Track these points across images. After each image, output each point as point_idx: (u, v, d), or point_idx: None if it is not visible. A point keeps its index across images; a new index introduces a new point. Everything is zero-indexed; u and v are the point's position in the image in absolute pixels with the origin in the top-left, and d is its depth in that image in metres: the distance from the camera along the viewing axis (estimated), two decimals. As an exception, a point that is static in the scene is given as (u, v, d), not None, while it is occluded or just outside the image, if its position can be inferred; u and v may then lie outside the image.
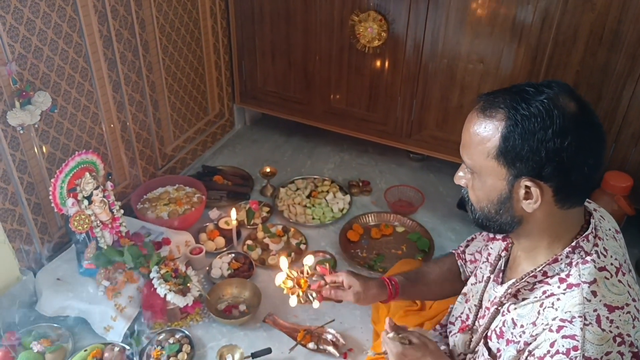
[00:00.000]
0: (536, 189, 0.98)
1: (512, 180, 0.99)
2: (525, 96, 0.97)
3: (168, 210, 2.30)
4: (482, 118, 1.01)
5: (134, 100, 2.28)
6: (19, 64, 1.75)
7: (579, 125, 0.95)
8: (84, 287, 1.90)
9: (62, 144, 1.99)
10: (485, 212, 1.07)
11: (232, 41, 2.81)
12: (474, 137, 1.03)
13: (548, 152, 0.94)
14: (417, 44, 2.39)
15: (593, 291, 0.98)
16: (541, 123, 0.94)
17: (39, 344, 1.78)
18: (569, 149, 0.94)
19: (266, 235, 2.32)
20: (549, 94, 0.96)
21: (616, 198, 2.18)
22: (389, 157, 2.87)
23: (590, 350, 0.94)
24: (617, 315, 0.96)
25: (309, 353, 1.85)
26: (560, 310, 0.99)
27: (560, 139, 0.93)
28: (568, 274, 1.02)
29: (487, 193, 1.05)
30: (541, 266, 1.05)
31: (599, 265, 1.01)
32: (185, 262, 2.07)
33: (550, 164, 0.95)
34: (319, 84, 2.71)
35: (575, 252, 1.02)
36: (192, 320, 1.96)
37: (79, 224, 1.84)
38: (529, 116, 0.95)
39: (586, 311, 0.96)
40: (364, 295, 1.40)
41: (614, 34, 2.05)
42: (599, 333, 0.94)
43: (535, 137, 0.94)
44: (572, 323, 0.96)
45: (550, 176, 0.96)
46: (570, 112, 0.95)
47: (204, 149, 2.87)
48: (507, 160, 0.98)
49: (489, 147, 1.00)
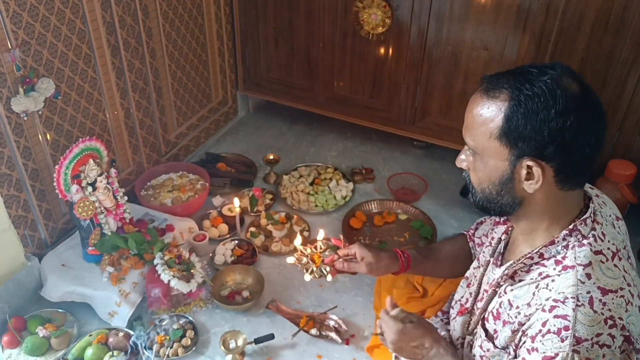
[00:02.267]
0: (538, 169, 0.99)
1: (514, 160, 1.00)
2: (528, 77, 0.98)
3: (172, 197, 2.31)
4: (485, 99, 1.02)
5: (137, 87, 2.28)
6: (22, 51, 1.75)
7: (581, 106, 0.95)
8: (88, 273, 1.91)
9: (65, 131, 2.00)
10: (487, 194, 1.08)
11: (235, 28, 2.80)
12: (477, 118, 1.03)
13: (551, 132, 0.95)
14: (421, 30, 2.38)
15: (587, 273, 0.99)
16: (544, 103, 0.95)
17: (44, 329, 1.80)
18: (571, 129, 0.95)
19: (269, 223, 2.33)
20: (552, 74, 0.97)
21: (619, 186, 2.18)
22: (392, 144, 2.87)
23: (581, 331, 0.95)
24: (610, 299, 0.97)
25: (312, 339, 1.86)
26: (554, 291, 1.00)
27: (563, 119, 0.94)
28: (564, 256, 1.03)
29: (489, 174, 1.05)
30: (538, 248, 1.07)
31: (595, 248, 1.02)
32: (188, 249, 2.08)
33: (552, 143, 0.96)
34: (323, 71, 2.70)
35: (573, 235, 1.04)
36: (195, 306, 1.98)
37: (83, 210, 1.85)
38: (532, 96, 0.96)
39: (579, 292, 0.97)
40: (376, 265, 1.45)
41: (620, 20, 2.03)
42: (590, 314, 0.96)
43: (539, 116, 0.95)
44: (564, 303, 0.98)
45: (553, 156, 0.97)
46: (573, 92, 0.96)
47: (207, 136, 2.87)
48: (509, 141, 0.99)
49: (492, 128, 1.00)
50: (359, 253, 1.46)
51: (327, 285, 2.07)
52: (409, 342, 1.26)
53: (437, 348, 1.24)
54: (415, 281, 1.82)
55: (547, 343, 0.98)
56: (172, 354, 1.78)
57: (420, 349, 1.25)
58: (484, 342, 1.18)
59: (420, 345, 1.25)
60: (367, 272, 1.46)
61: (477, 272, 1.32)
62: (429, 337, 1.25)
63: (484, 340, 1.18)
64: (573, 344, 0.95)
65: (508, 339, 1.10)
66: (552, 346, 0.97)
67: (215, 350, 1.83)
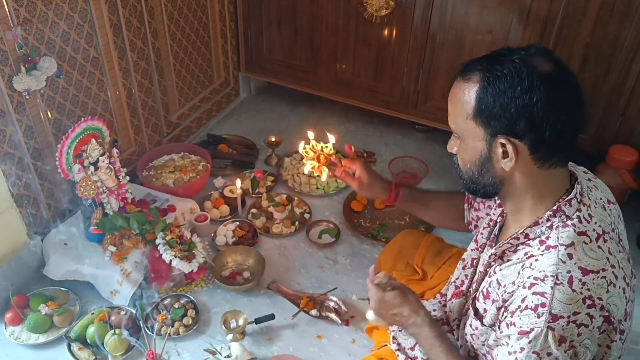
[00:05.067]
0: (511, 147, 1.02)
1: (490, 139, 1.04)
2: (500, 58, 1.02)
3: (173, 177, 2.31)
4: (461, 82, 1.06)
5: (140, 67, 2.27)
6: (24, 29, 1.74)
7: (549, 83, 0.98)
8: (90, 252, 1.93)
9: (67, 110, 2.00)
10: (470, 175, 1.13)
11: (238, 8, 2.77)
12: (455, 102, 1.08)
13: (518, 108, 0.98)
14: (425, 13, 2.36)
15: (569, 253, 1.01)
16: (510, 81, 0.98)
17: (47, 307, 1.82)
18: (537, 105, 0.97)
19: (270, 204, 2.34)
20: (521, 54, 1.00)
21: (621, 172, 2.18)
22: (394, 128, 2.87)
23: (558, 308, 0.97)
24: (591, 279, 0.99)
25: (312, 320, 1.88)
26: (536, 270, 1.03)
27: (528, 96, 0.97)
28: (548, 236, 1.05)
29: (470, 155, 1.09)
30: (523, 229, 1.09)
31: (579, 229, 1.03)
32: (190, 229, 2.09)
33: (521, 120, 0.99)
34: (325, 53, 2.69)
35: (557, 215, 1.05)
36: (196, 286, 1.99)
37: (85, 189, 1.85)
38: (500, 76, 0.99)
39: (559, 271, 0.99)
40: (366, 187, 1.56)
41: (626, 5, 2.02)
42: (568, 293, 0.98)
43: (505, 94, 0.99)
44: (543, 281, 1.00)
45: (524, 132, 1.00)
46: (542, 70, 0.99)
47: (209, 118, 2.87)
48: (482, 120, 1.03)
49: (467, 109, 1.05)
50: (358, 172, 1.55)
51: (327, 267, 2.08)
52: (388, 309, 1.31)
53: (415, 317, 1.28)
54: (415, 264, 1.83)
55: (524, 318, 1.00)
56: (173, 332, 1.80)
57: (399, 317, 1.30)
58: (473, 320, 1.20)
59: (399, 313, 1.30)
60: (356, 188, 1.56)
61: (474, 254, 1.34)
62: (407, 306, 1.29)
63: (473, 318, 1.21)
64: (548, 321, 0.97)
65: (494, 316, 1.12)
66: (528, 321, 1.00)
67: (216, 330, 1.85)
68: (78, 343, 1.75)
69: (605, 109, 2.24)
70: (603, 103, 2.24)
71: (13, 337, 1.79)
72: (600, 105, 2.25)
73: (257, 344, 1.81)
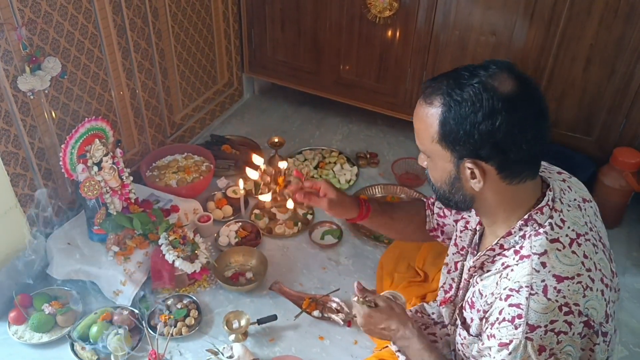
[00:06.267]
0: (477, 170, 1.02)
1: (457, 162, 1.04)
2: (460, 81, 1.00)
3: (177, 178, 2.32)
4: (424, 105, 1.06)
5: (143, 68, 2.28)
6: (28, 29, 1.75)
7: (511, 105, 0.97)
8: (94, 252, 1.93)
9: (72, 110, 2.00)
10: (442, 192, 1.13)
11: (241, 9, 2.78)
12: (420, 124, 1.08)
13: (481, 134, 0.98)
14: (428, 14, 2.36)
15: (543, 262, 1.01)
16: (471, 107, 0.97)
17: (50, 307, 1.83)
18: (500, 129, 0.96)
19: (273, 205, 2.34)
20: (481, 76, 0.99)
21: (624, 174, 2.17)
22: (397, 129, 2.86)
23: (534, 318, 0.98)
24: (566, 286, 0.99)
25: (314, 321, 1.88)
26: (511, 281, 1.03)
27: (491, 121, 0.96)
28: (521, 246, 1.06)
29: (440, 174, 1.10)
30: (497, 239, 1.09)
31: (552, 237, 1.03)
32: (193, 230, 2.10)
33: (485, 145, 0.98)
34: (329, 54, 2.69)
35: (529, 224, 1.05)
36: (199, 287, 2.00)
37: (88, 189, 1.86)
38: (460, 101, 0.99)
39: (534, 281, 1.00)
40: (336, 204, 1.46)
41: (631, 6, 2.01)
42: (544, 302, 0.98)
43: (467, 120, 0.98)
44: (518, 292, 1.00)
45: (489, 156, 1.00)
46: (503, 92, 0.97)
47: (213, 118, 2.87)
48: (447, 144, 1.03)
49: (432, 133, 1.05)
50: (323, 188, 1.47)
51: (330, 268, 2.08)
52: (376, 325, 1.33)
53: (403, 330, 1.30)
54: (416, 266, 1.83)
55: (503, 330, 1.01)
56: (175, 333, 1.81)
57: (387, 331, 1.32)
58: (461, 329, 1.21)
59: (387, 327, 1.31)
60: (326, 208, 1.46)
61: (456, 257, 1.34)
62: (395, 320, 1.31)
63: (461, 328, 1.21)
64: (526, 332, 0.98)
65: (478, 326, 1.13)
66: (506, 333, 1.00)
67: (218, 330, 1.85)
68: (81, 342, 1.75)
69: (609, 111, 2.24)
70: (607, 105, 2.23)
71: (16, 336, 1.79)
72: (604, 107, 2.24)
73: (259, 345, 1.82)
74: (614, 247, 2.26)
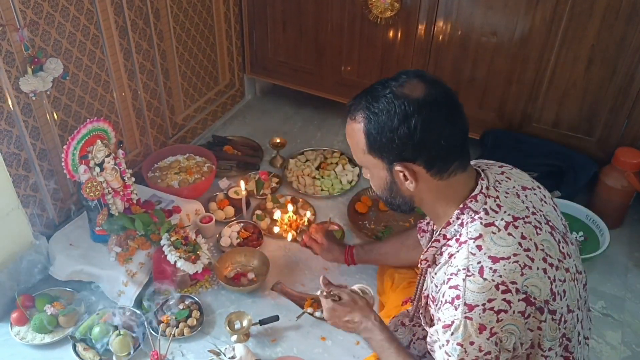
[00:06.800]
0: (407, 171, 1.09)
1: (389, 167, 1.12)
2: (375, 94, 1.10)
3: (178, 179, 2.32)
4: (350, 122, 1.15)
5: (145, 69, 2.28)
6: (30, 30, 1.75)
7: (422, 107, 1.05)
8: (96, 253, 1.93)
9: (74, 111, 2.01)
10: (384, 198, 1.21)
11: (243, 10, 2.78)
12: (351, 140, 1.17)
13: (400, 138, 1.06)
14: (430, 15, 2.36)
15: (478, 245, 1.06)
16: (387, 115, 1.06)
17: (52, 307, 1.83)
18: (416, 130, 1.04)
19: (275, 206, 2.34)
20: (392, 87, 1.08)
21: (626, 174, 2.17)
22: (399, 129, 2.86)
23: (471, 298, 1.02)
24: (502, 265, 1.03)
25: (316, 321, 1.88)
26: (452, 266, 1.08)
27: (406, 124, 1.05)
28: (460, 233, 1.11)
29: (378, 182, 1.18)
30: (438, 230, 1.16)
31: (486, 221, 1.09)
32: (195, 231, 2.10)
33: (407, 147, 1.07)
34: (330, 55, 2.69)
35: (464, 212, 1.11)
36: (201, 287, 2.00)
37: (90, 190, 1.86)
38: (377, 112, 1.08)
39: (470, 264, 1.05)
40: (327, 250, 1.90)
41: (632, 6, 2.01)
42: (479, 282, 1.02)
43: (386, 127, 1.06)
44: (457, 275, 1.05)
45: (414, 156, 1.08)
46: (413, 97, 1.05)
47: (214, 119, 2.87)
48: (376, 153, 1.11)
49: (361, 145, 1.13)
50: (320, 239, 1.90)
51: (331, 268, 2.08)
52: (340, 317, 1.42)
53: (365, 322, 1.38)
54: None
55: (445, 312, 1.06)
56: (177, 333, 1.81)
57: (351, 324, 1.40)
58: (427, 327, 1.24)
59: (350, 320, 1.40)
60: (319, 251, 1.91)
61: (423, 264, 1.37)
62: (358, 313, 1.40)
63: (425, 324, 1.26)
64: (465, 312, 1.02)
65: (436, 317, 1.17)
66: (448, 314, 1.05)
67: (220, 331, 1.85)
68: (83, 343, 1.76)
69: (611, 111, 2.24)
70: (609, 105, 2.23)
71: (19, 337, 1.79)
72: (606, 107, 2.24)
73: (261, 345, 1.82)
74: (615, 248, 2.27)
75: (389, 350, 1.32)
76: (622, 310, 1.98)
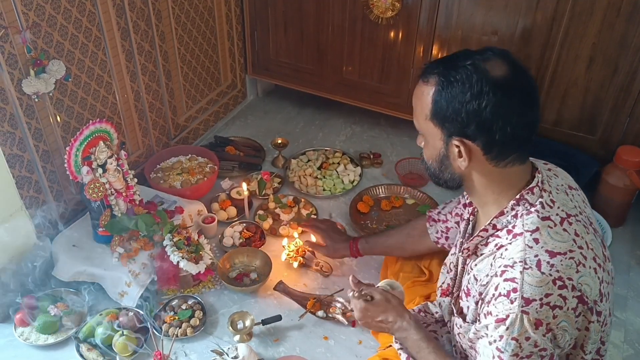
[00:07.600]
0: (464, 148, 1.07)
1: (446, 139, 1.09)
2: (456, 62, 1.06)
3: (181, 179, 2.32)
4: (421, 84, 1.12)
5: (147, 70, 2.29)
6: (33, 32, 1.76)
7: (498, 88, 1.01)
8: (98, 254, 1.94)
9: (76, 113, 2.01)
10: (432, 170, 1.19)
11: (244, 11, 2.79)
12: (416, 102, 1.14)
13: (468, 113, 1.03)
14: (430, 14, 2.36)
15: (535, 238, 1.04)
16: (461, 87, 1.02)
17: (55, 308, 1.83)
18: (486, 110, 1.01)
19: (277, 206, 2.34)
20: (475, 59, 1.04)
21: (628, 172, 2.17)
22: (400, 129, 2.87)
23: (529, 292, 1.00)
24: (559, 260, 1.01)
25: (318, 321, 1.88)
26: (506, 259, 1.06)
27: (477, 101, 1.01)
28: (514, 225, 1.09)
29: (431, 152, 1.16)
30: (490, 220, 1.13)
31: (543, 215, 1.06)
32: (197, 231, 2.10)
33: (471, 123, 1.03)
34: (332, 55, 2.69)
35: (520, 204, 1.09)
36: (204, 288, 2.00)
37: (93, 191, 1.87)
38: (452, 81, 1.04)
39: (527, 256, 1.02)
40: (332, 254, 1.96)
41: (633, 5, 2.01)
42: (537, 276, 1.00)
43: (457, 99, 1.03)
44: (513, 267, 1.03)
45: (475, 135, 1.04)
46: (493, 75, 1.02)
47: (217, 120, 2.88)
48: (438, 121, 1.08)
49: (425, 110, 1.10)
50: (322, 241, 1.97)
51: (334, 268, 2.09)
52: (373, 318, 1.36)
53: (400, 322, 1.33)
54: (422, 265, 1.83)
55: (499, 305, 1.03)
56: (180, 333, 1.81)
57: (385, 323, 1.35)
58: (457, 318, 1.23)
59: (384, 320, 1.34)
60: (325, 255, 1.98)
61: (453, 258, 1.35)
62: (392, 312, 1.34)
63: (457, 317, 1.23)
64: (522, 305, 0.99)
65: (474, 312, 1.15)
66: (503, 308, 1.02)
67: (223, 331, 1.86)
68: (87, 344, 1.76)
69: (613, 110, 2.24)
70: (610, 104, 2.23)
71: (22, 337, 1.80)
72: (607, 106, 2.24)
73: (264, 345, 1.82)
74: (618, 246, 2.27)
75: (426, 349, 1.28)
76: (624, 309, 1.97)
